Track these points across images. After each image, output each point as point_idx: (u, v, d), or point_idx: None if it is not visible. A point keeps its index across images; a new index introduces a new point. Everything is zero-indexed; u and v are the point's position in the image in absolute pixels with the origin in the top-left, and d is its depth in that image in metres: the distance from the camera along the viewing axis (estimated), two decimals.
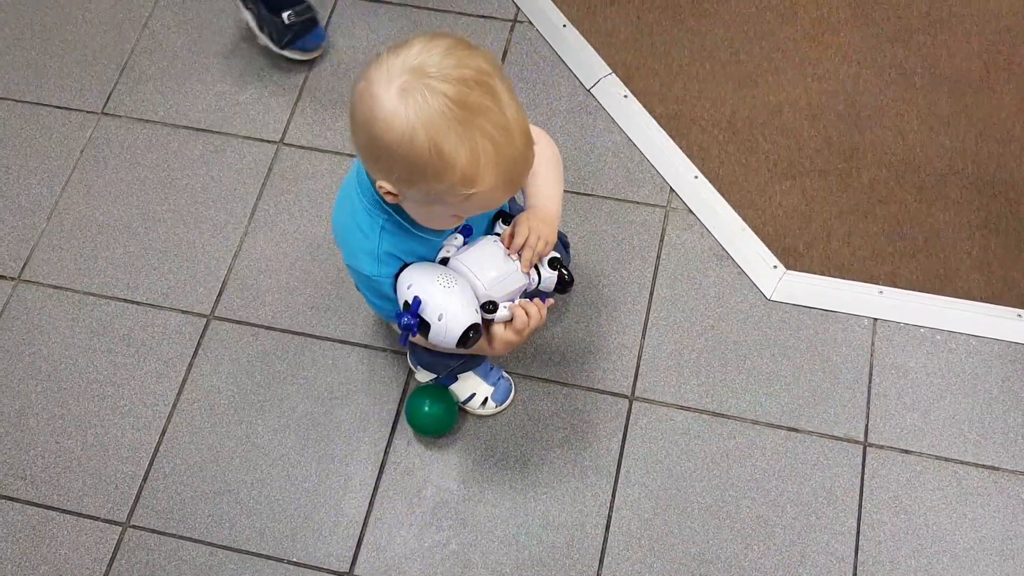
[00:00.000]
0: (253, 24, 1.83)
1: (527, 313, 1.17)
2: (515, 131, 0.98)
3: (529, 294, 1.22)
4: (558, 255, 1.24)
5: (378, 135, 0.96)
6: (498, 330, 1.18)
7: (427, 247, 1.17)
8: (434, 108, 0.94)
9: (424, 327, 1.11)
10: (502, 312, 1.16)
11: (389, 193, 1.03)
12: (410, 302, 1.10)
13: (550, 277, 1.23)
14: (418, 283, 1.11)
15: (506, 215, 1.25)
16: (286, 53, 1.82)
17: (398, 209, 1.11)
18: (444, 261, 1.17)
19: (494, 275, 1.16)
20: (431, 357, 1.41)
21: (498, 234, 1.22)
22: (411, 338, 1.15)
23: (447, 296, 1.10)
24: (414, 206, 1.07)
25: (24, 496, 1.51)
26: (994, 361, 1.53)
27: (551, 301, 1.22)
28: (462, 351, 1.16)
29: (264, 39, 1.83)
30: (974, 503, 1.43)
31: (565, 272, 1.23)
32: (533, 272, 1.21)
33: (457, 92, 0.94)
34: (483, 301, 1.14)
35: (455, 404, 1.49)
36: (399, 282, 1.13)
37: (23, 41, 1.92)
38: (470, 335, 1.11)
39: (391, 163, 0.98)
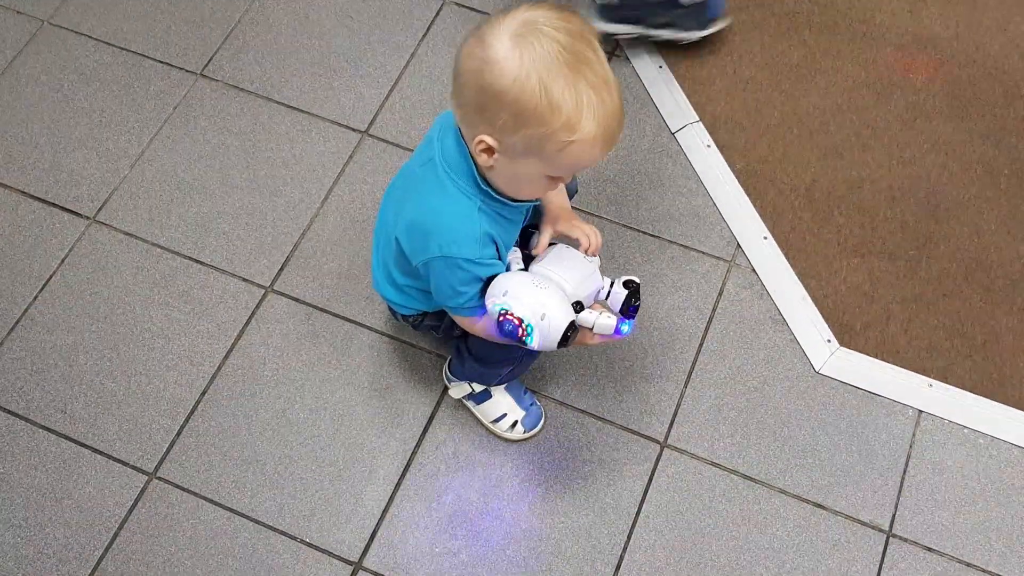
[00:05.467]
0: (670, 36, 1.85)
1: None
2: (613, 87, 1.04)
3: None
4: (637, 280, 1.28)
5: (490, 82, 1.01)
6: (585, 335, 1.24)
7: (513, 228, 1.23)
8: (547, 52, 1.00)
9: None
10: (586, 315, 1.20)
11: (487, 150, 1.07)
12: (509, 310, 1.14)
13: (619, 294, 1.27)
14: (513, 288, 1.14)
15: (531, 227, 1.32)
16: (710, 30, 1.84)
17: (488, 186, 1.15)
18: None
19: (579, 276, 1.22)
20: (483, 368, 1.43)
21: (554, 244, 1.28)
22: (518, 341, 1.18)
23: (545, 296, 1.14)
24: (507, 167, 1.09)
25: (61, 429, 1.55)
26: None
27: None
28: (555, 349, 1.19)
29: (689, 37, 1.85)
30: None
31: (637, 301, 1.27)
32: (605, 279, 1.27)
33: (567, 40, 1.01)
34: (571, 302, 1.19)
35: None
36: (492, 288, 1.17)
37: None
38: (568, 334, 1.15)
39: (498, 109, 1.02)
